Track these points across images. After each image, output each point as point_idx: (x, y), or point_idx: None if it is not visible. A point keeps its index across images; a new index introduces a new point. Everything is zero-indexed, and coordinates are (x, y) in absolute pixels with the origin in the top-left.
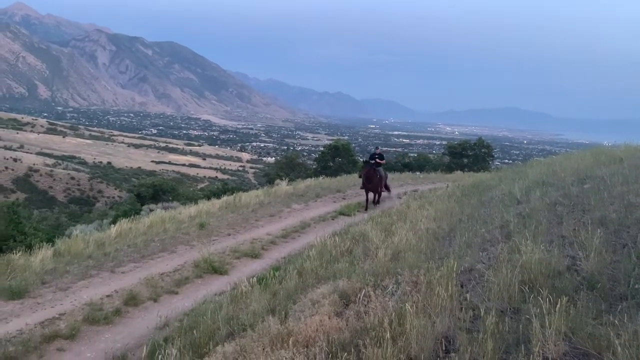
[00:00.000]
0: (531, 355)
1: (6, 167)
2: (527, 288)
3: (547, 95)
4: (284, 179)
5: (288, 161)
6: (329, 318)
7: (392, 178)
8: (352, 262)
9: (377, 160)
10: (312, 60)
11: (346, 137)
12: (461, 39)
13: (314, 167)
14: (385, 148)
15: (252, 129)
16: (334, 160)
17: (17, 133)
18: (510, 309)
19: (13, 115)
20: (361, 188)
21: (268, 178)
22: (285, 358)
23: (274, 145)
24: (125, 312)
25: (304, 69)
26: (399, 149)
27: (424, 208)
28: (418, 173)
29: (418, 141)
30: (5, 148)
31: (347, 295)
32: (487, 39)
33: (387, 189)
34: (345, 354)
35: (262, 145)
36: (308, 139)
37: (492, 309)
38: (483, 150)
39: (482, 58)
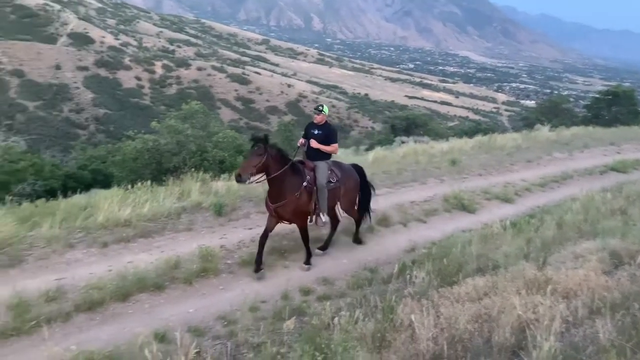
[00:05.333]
0: None
1: (282, 92)
2: None
3: None
4: (545, 124)
5: (552, 105)
6: (596, 274)
7: None
8: (626, 222)
9: (316, 141)
10: None
11: (627, 84)
12: None
13: (582, 114)
14: None
15: (512, 68)
16: (610, 109)
17: (292, 61)
18: None
19: (290, 45)
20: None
21: (526, 122)
22: (542, 304)
23: (536, 87)
24: (377, 230)
25: (584, 0)
26: None
27: None
28: None
29: None
30: (282, 74)
31: (619, 256)
32: None
33: (353, 214)
34: (619, 314)
35: (521, 86)
36: (577, 83)
37: None
38: None
39: None
